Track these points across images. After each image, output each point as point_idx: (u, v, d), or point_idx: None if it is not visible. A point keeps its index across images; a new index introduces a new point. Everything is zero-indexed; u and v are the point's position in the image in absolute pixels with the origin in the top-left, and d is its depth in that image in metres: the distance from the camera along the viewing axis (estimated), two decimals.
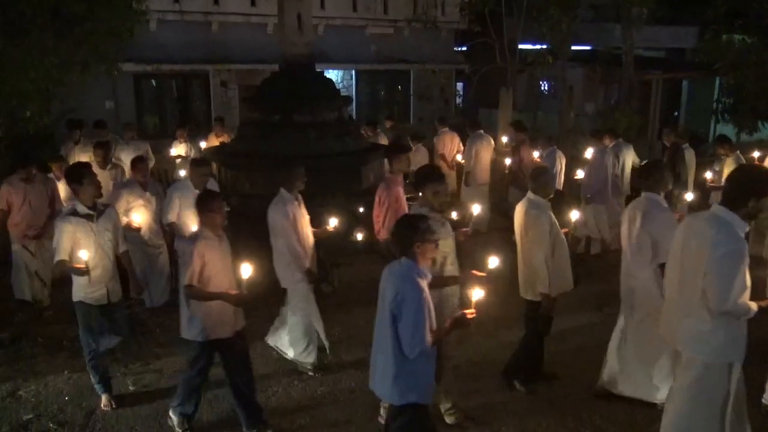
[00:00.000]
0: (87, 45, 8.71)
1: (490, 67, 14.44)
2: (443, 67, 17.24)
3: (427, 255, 3.38)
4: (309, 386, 5.20)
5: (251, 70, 14.31)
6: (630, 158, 8.64)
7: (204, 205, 4.23)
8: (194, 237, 4.23)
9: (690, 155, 8.47)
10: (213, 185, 6.28)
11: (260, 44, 14.18)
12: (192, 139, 10.19)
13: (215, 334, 4.29)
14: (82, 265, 4.46)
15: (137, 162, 6.69)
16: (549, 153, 8.41)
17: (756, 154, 8.48)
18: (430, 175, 4.34)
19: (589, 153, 8.51)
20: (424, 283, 3.32)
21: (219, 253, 4.22)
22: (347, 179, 8.30)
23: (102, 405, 4.85)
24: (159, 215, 6.39)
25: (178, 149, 9.87)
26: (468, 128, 9.78)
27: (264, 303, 5.88)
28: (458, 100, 19.27)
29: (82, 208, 4.61)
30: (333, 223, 5.36)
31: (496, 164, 9.79)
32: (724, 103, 14.31)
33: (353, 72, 16.92)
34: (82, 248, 4.51)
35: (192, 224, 5.64)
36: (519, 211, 4.80)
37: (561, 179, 8.39)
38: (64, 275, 4.93)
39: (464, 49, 18.66)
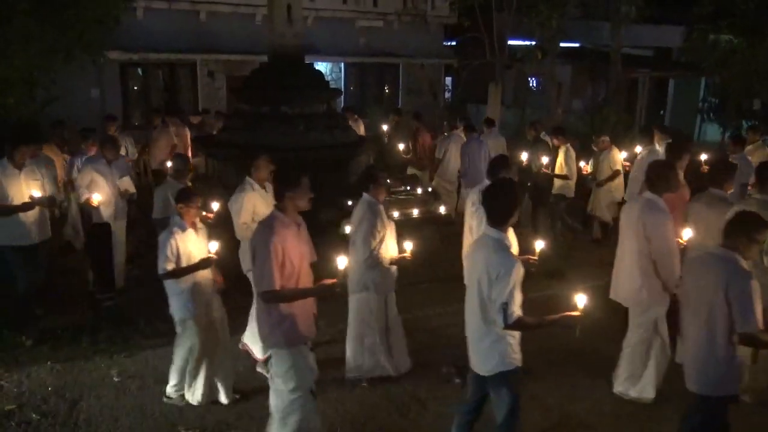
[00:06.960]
0: (72, 32, 8.56)
1: (479, 62, 14.46)
2: (432, 61, 17.22)
3: None
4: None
5: (239, 60, 14.20)
6: (502, 147, 9.69)
7: None
8: None
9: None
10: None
11: (249, 35, 14.05)
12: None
13: None
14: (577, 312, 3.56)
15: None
16: None
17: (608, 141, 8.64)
18: None
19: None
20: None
21: None
22: (335, 172, 8.27)
23: None
24: None
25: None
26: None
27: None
28: (447, 95, 19.26)
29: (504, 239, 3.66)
30: None
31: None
32: (709, 103, 14.46)
33: (342, 65, 16.85)
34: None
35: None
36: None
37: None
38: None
39: (453, 43, 18.66)
